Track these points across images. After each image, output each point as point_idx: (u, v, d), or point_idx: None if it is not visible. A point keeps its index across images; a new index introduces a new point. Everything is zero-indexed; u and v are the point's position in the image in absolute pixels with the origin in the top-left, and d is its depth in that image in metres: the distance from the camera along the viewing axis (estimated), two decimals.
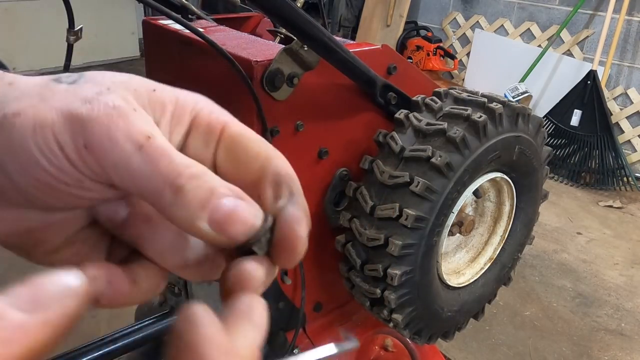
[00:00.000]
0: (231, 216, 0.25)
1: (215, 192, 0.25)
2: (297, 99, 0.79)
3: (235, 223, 0.25)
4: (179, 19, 0.69)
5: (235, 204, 0.25)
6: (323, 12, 1.04)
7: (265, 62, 0.73)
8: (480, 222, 1.02)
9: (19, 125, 0.24)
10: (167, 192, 0.24)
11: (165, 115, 0.27)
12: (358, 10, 5.16)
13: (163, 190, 0.24)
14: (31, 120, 0.24)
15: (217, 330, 0.23)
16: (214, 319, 0.24)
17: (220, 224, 0.25)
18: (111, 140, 0.24)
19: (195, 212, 0.24)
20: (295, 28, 0.68)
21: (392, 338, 1.16)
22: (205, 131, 0.28)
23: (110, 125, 0.24)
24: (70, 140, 0.24)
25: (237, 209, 0.25)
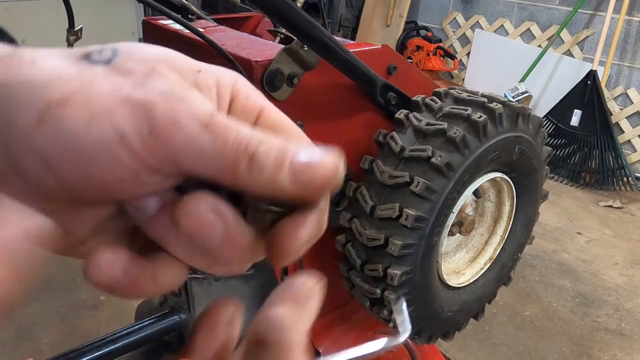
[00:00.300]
0: (310, 165, 0.24)
1: (288, 148, 0.24)
2: (297, 99, 0.79)
3: (317, 171, 0.24)
4: (179, 19, 0.69)
5: (311, 153, 0.24)
6: (323, 12, 1.04)
7: (265, 62, 0.73)
8: (480, 222, 1.02)
9: (68, 118, 0.21)
10: (241, 162, 0.23)
11: (211, 96, 0.26)
12: (358, 10, 5.16)
13: (236, 163, 0.23)
14: (83, 111, 0.21)
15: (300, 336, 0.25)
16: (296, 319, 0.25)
17: (301, 174, 0.24)
18: (175, 123, 0.22)
19: (274, 172, 0.23)
20: (295, 28, 0.68)
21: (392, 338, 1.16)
22: (242, 115, 0.27)
23: (172, 108, 0.23)
24: (133, 130, 0.22)
25: (313, 157, 0.24)
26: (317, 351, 1.02)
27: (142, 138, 0.22)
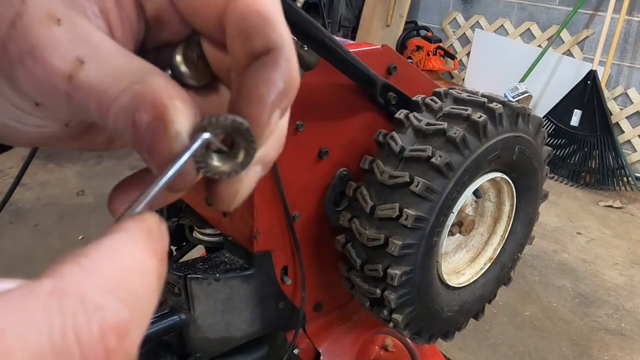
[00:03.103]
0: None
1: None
2: (297, 99, 0.78)
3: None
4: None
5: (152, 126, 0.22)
6: (323, 12, 1.04)
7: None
8: (480, 222, 1.02)
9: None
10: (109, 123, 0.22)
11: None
12: (358, 10, 5.16)
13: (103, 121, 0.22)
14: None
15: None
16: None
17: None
18: (37, 75, 0.22)
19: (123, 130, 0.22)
20: (295, 28, 0.68)
21: (392, 338, 1.16)
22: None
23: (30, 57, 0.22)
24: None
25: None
26: (317, 351, 1.02)
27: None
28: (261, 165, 0.26)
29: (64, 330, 0.15)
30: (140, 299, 0.18)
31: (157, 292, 0.19)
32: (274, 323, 0.92)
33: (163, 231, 0.21)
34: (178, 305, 0.83)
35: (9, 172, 3.14)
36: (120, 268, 0.17)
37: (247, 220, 0.83)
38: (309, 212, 0.90)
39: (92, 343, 0.16)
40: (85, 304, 0.16)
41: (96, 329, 0.16)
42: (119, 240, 0.18)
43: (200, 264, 0.85)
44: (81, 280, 0.16)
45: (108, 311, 0.16)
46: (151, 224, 0.20)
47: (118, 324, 0.16)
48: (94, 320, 0.16)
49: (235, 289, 0.84)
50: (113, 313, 0.16)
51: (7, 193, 0.87)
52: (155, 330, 0.80)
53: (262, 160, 0.26)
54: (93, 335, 0.16)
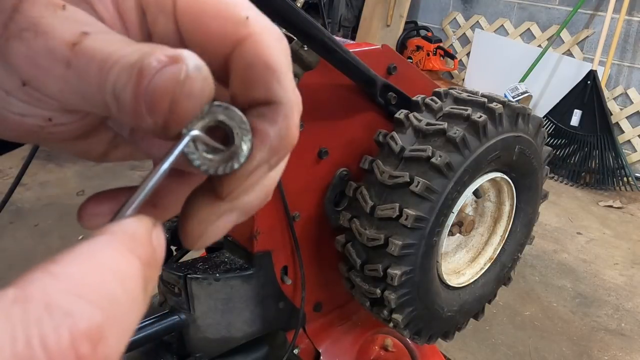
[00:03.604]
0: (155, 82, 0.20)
1: (143, 66, 0.20)
2: None
3: (160, 89, 0.20)
4: None
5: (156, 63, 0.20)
6: (323, 12, 1.04)
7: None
8: (480, 222, 1.02)
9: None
10: (107, 97, 0.20)
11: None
12: (358, 10, 5.16)
13: (104, 99, 0.21)
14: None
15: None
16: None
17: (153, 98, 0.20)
18: (37, 64, 0.21)
19: (133, 106, 0.20)
20: (295, 28, 0.68)
21: (392, 338, 1.16)
22: (156, 8, 0.23)
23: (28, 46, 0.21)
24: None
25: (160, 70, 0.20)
26: (317, 351, 1.02)
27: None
28: (238, 213, 0.24)
29: (28, 339, 0.14)
30: (118, 303, 0.16)
31: (141, 298, 0.18)
32: (274, 323, 0.92)
33: (152, 235, 0.19)
34: (178, 305, 0.83)
35: (9, 172, 3.14)
36: (94, 272, 0.16)
37: (247, 220, 0.83)
38: (309, 212, 0.90)
39: (61, 351, 0.14)
40: (52, 310, 0.15)
41: (65, 336, 0.15)
42: (95, 244, 0.17)
43: (200, 264, 0.85)
44: (47, 286, 0.15)
45: (78, 316, 0.15)
46: (137, 228, 0.19)
47: (90, 329, 0.15)
48: (63, 327, 0.15)
49: (235, 289, 0.84)
50: (84, 318, 0.15)
51: (7, 193, 0.87)
52: (155, 330, 0.80)
53: (241, 208, 0.24)
54: (62, 342, 0.15)
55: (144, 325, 0.79)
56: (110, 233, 0.18)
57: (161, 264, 0.20)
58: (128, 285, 0.17)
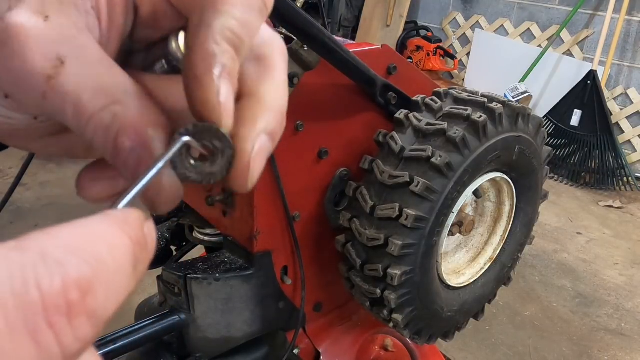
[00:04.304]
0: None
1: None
2: (297, 99, 0.79)
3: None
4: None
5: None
6: (323, 12, 1.04)
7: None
8: (480, 222, 1.02)
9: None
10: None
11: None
12: (358, 10, 5.16)
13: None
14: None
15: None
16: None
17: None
18: (19, 78, 0.22)
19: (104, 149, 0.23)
20: (295, 28, 0.68)
21: (392, 338, 1.16)
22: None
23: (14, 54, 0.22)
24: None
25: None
26: (317, 351, 1.02)
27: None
28: (267, 136, 0.25)
29: (25, 279, 0.15)
30: (107, 266, 0.17)
31: (129, 271, 0.19)
32: (274, 323, 0.92)
33: (144, 224, 0.21)
34: (178, 305, 0.83)
35: (9, 172, 3.14)
36: (86, 237, 0.18)
37: (247, 220, 0.84)
38: (309, 212, 0.90)
39: (53, 293, 0.16)
40: (46, 258, 0.16)
41: (57, 281, 0.16)
42: (91, 219, 0.19)
43: (200, 264, 0.85)
44: (43, 241, 0.17)
45: (69, 266, 0.16)
46: (130, 214, 0.20)
47: (80, 279, 0.16)
48: (55, 273, 0.16)
49: (235, 289, 0.84)
50: (74, 269, 0.16)
51: (7, 193, 0.87)
52: (155, 330, 0.80)
53: (266, 130, 0.25)
54: (54, 286, 0.16)
55: (144, 325, 0.79)
56: (105, 214, 0.19)
57: (152, 251, 0.21)
58: (117, 254, 0.18)
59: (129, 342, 0.77)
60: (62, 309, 0.16)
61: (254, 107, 0.25)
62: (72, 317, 0.16)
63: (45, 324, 0.15)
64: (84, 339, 0.17)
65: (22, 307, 0.15)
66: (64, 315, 0.16)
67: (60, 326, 0.16)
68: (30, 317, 0.15)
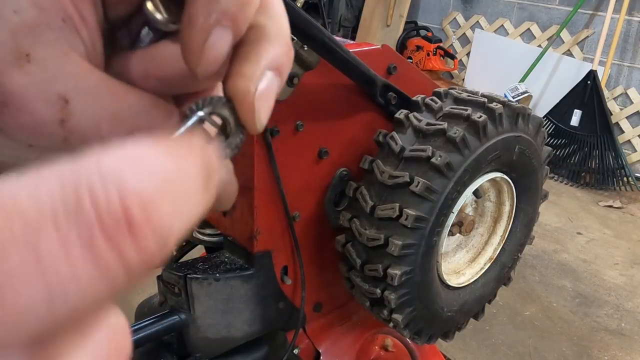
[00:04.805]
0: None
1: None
2: (297, 99, 0.79)
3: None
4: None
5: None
6: (323, 12, 1.04)
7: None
8: (480, 222, 1.02)
9: None
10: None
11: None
12: (358, 10, 5.16)
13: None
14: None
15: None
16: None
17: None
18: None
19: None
20: (296, 28, 0.68)
21: (392, 338, 1.16)
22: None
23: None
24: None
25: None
26: (317, 351, 1.02)
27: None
28: (273, 72, 0.23)
29: (77, 189, 0.14)
30: (173, 180, 0.16)
31: (200, 190, 0.17)
32: (274, 323, 0.92)
33: (207, 147, 0.19)
34: (178, 305, 0.83)
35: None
36: (152, 152, 0.16)
37: (247, 220, 0.84)
38: (309, 212, 0.90)
39: (109, 206, 0.14)
40: (102, 170, 0.14)
41: (114, 193, 0.14)
42: (161, 140, 0.17)
43: (200, 264, 0.85)
44: (100, 154, 0.15)
45: (129, 181, 0.14)
46: (192, 138, 0.18)
47: (141, 195, 0.14)
48: (111, 185, 0.14)
49: (235, 289, 0.84)
50: (135, 182, 0.14)
51: None
52: (155, 330, 0.80)
53: (272, 65, 0.23)
54: (111, 198, 0.14)
55: (144, 325, 0.79)
56: (168, 138, 0.18)
57: (219, 174, 0.19)
58: (184, 169, 0.16)
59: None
60: (122, 223, 0.14)
61: (255, 40, 0.23)
62: (133, 232, 0.14)
63: (103, 238, 0.14)
64: (149, 258, 0.15)
65: (75, 218, 0.13)
66: (124, 230, 0.14)
67: (120, 240, 0.14)
68: (85, 229, 0.14)
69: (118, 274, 0.14)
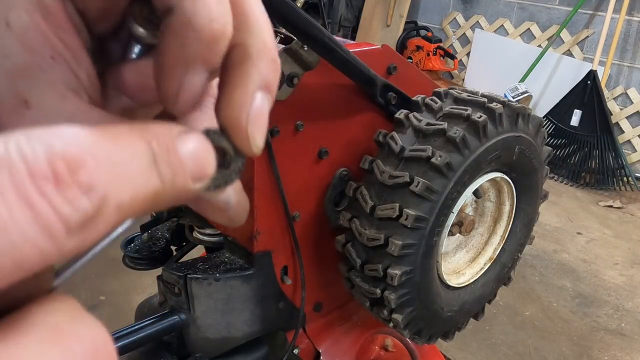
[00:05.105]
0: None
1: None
2: (297, 99, 0.79)
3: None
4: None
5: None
6: (323, 12, 1.04)
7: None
8: (480, 222, 1.02)
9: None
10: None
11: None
12: (358, 10, 5.16)
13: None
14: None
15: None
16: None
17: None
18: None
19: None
20: (295, 28, 0.68)
21: (392, 338, 1.16)
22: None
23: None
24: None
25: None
26: (317, 351, 1.02)
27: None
28: (262, 92, 0.23)
29: (7, 147, 0.15)
30: (103, 147, 0.16)
31: (143, 162, 0.18)
32: (274, 323, 0.92)
33: (175, 139, 0.19)
34: (178, 305, 0.83)
35: None
36: (82, 130, 0.16)
37: (247, 220, 0.84)
38: (309, 212, 0.90)
39: (37, 162, 0.15)
40: (30, 135, 0.15)
41: (40, 151, 0.15)
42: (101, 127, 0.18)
43: (200, 264, 0.85)
44: (32, 129, 0.16)
45: (55, 142, 0.16)
46: (155, 125, 0.19)
47: (66, 153, 0.15)
48: (38, 145, 0.15)
49: (235, 289, 0.84)
50: (60, 144, 0.16)
51: None
52: (155, 330, 0.80)
53: (260, 85, 0.23)
54: (38, 155, 0.15)
55: (144, 325, 0.79)
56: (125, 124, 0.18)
57: (197, 172, 0.20)
58: (121, 142, 0.17)
59: (129, 342, 0.77)
60: (50, 178, 0.15)
61: (239, 62, 0.23)
62: (60, 185, 0.15)
63: (34, 189, 0.15)
64: (85, 216, 0.16)
65: (7, 170, 0.15)
66: (52, 184, 0.15)
67: (51, 193, 0.15)
68: (18, 180, 0.15)
69: (56, 226, 0.15)
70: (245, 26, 0.23)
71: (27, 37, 0.22)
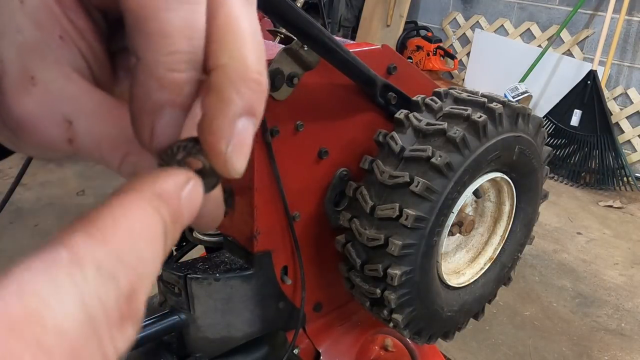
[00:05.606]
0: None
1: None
2: (297, 99, 0.79)
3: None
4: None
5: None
6: (323, 12, 1.04)
7: (265, 62, 0.73)
8: (480, 222, 1.02)
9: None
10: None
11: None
12: (358, 10, 5.16)
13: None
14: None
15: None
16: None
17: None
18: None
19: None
20: (295, 28, 0.68)
21: (392, 338, 1.16)
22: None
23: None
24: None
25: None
26: (317, 351, 1.02)
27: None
28: (245, 117, 0.22)
29: (91, 297, 0.17)
30: (146, 262, 0.19)
31: (162, 252, 0.20)
32: (274, 323, 0.92)
33: (183, 192, 0.21)
34: (178, 305, 0.83)
35: (8, 172, 3.14)
36: (127, 235, 0.18)
37: (247, 220, 0.83)
38: (309, 212, 0.90)
39: (111, 309, 0.17)
40: (102, 273, 0.17)
41: (112, 296, 0.17)
42: (125, 203, 0.19)
43: (200, 264, 0.85)
44: (95, 251, 0.17)
45: (121, 280, 0.18)
46: (164, 185, 0.20)
47: (130, 290, 0.18)
48: (111, 289, 0.17)
49: (235, 289, 0.84)
50: (125, 281, 0.18)
51: (7, 193, 0.87)
52: (155, 330, 0.80)
53: (243, 109, 0.22)
54: (111, 301, 0.17)
55: (144, 325, 0.79)
56: (138, 191, 0.20)
57: (190, 217, 0.21)
58: (153, 245, 0.19)
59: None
60: (117, 321, 0.17)
61: (220, 87, 0.22)
62: (123, 325, 0.18)
63: (109, 339, 0.17)
64: (130, 340, 0.18)
65: (95, 329, 0.17)
66: (118, 326, 0.17)
67: (116, 336, 0.17)
68: (100, 336, 0.17)
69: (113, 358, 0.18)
70: (224, 46, 0.22)
71: (38, 14, 0.22)
